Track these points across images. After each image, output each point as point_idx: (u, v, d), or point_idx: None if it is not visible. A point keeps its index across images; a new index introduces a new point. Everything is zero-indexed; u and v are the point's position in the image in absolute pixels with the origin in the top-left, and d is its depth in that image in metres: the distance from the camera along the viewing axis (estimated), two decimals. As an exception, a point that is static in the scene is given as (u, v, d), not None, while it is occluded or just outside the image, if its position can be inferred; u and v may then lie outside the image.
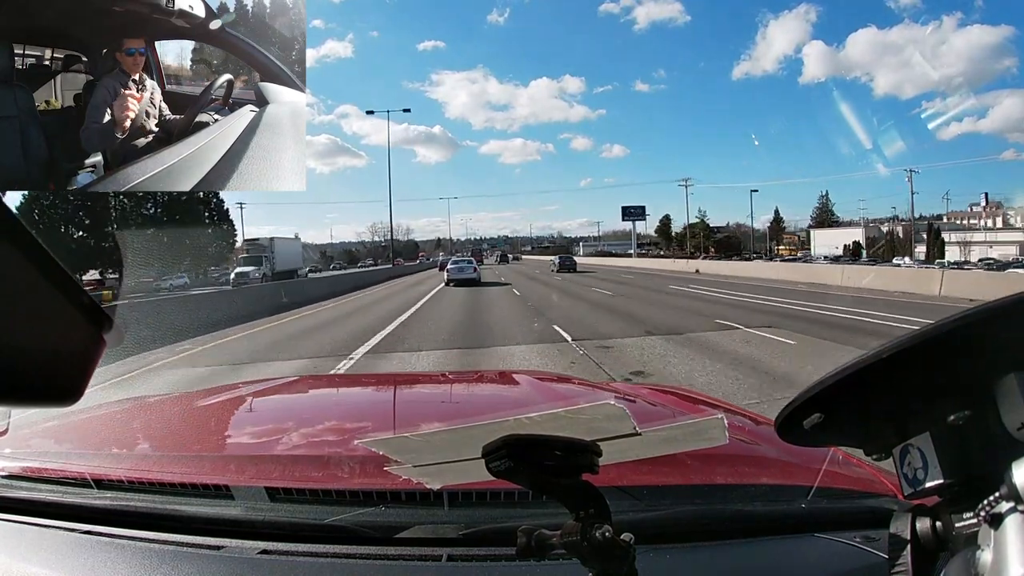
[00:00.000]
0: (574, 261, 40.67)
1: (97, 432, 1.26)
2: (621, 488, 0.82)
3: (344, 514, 0.80)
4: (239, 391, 1.67)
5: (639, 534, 0.54)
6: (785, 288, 18.34)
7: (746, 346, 7.99)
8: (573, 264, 38.87)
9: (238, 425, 1.34)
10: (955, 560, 0.45)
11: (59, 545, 0.81)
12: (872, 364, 0.43)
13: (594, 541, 0.50)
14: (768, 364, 6.77)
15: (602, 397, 0.62)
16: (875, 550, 0.73)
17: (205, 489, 0.89)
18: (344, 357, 7.99)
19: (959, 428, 0.44)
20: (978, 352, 0.42)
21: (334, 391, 1.83)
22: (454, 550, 0.76)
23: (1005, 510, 0.41)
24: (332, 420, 1.39)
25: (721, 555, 0.76)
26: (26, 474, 0.97)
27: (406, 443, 0.54)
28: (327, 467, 0.99)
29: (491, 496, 0.83)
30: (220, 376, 7.19)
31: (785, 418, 0.50)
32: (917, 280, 17.19)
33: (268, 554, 0.77)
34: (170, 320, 11.62)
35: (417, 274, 42.61)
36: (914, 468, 0.48)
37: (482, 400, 1.66)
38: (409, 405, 1.57)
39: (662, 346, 8.19)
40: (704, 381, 5.95)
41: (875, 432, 0.51)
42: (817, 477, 0.87)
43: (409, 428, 0.54)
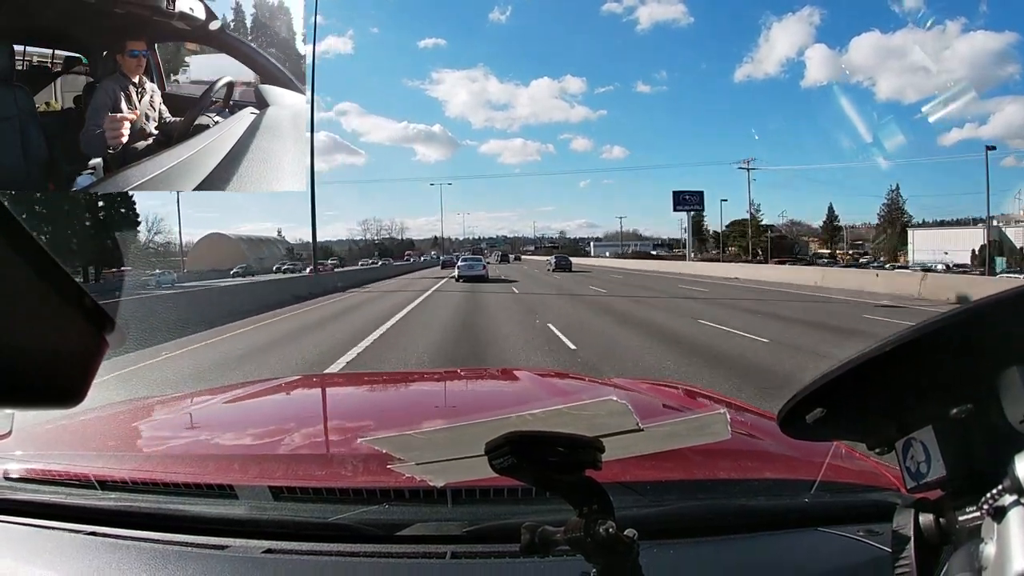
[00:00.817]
0: (569, 261, 43.97)
1: (100, 433, 1.27)
2: (624, 484, 0.82)
3: (348, 512, 0.81)
4: (241, 390, 1.68)
5: (642, 530, 0.54)
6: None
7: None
8: (569, 264, 41.97)
9: (241, 425, 1.34)
10: (958, 554, 0.45)
11: (64, 546, 0.81)
12: (875, 358, 0.43)
13: (598, 537, 0.50)
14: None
15: (604, 393, 0.62)
16: (878, 544, 0.73)
17: (209, 489, 0.89)
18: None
19: (962, 422, 0.44)
20: (981, 345, 0.42)
21: (336, 390, 1.83)
22: (458, 547, 0.77)
23: (1008, 503, 0.41)
24: (335, 419, 1.39)
25: (724, 550, 0.77)
26: (30, 476, 0.97)
27: (409, 441, 0.55)
28: (330, 466, 1.00)
29: (494, 493, 0.84)
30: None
31: (787, 412, 0.50)
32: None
33: (272, 553, 0.77)
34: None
35: (388, 282, 27.65)
36: (917, 462, 0.48)
37: (484, 397, 1.66)
38: (411, 403, 1.58)
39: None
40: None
41: (877, 426, 0.51)
42: (820, 471, 0.87)
43: (411, 426, 0.54)
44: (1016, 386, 0.41)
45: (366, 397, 1.67)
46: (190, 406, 1.55)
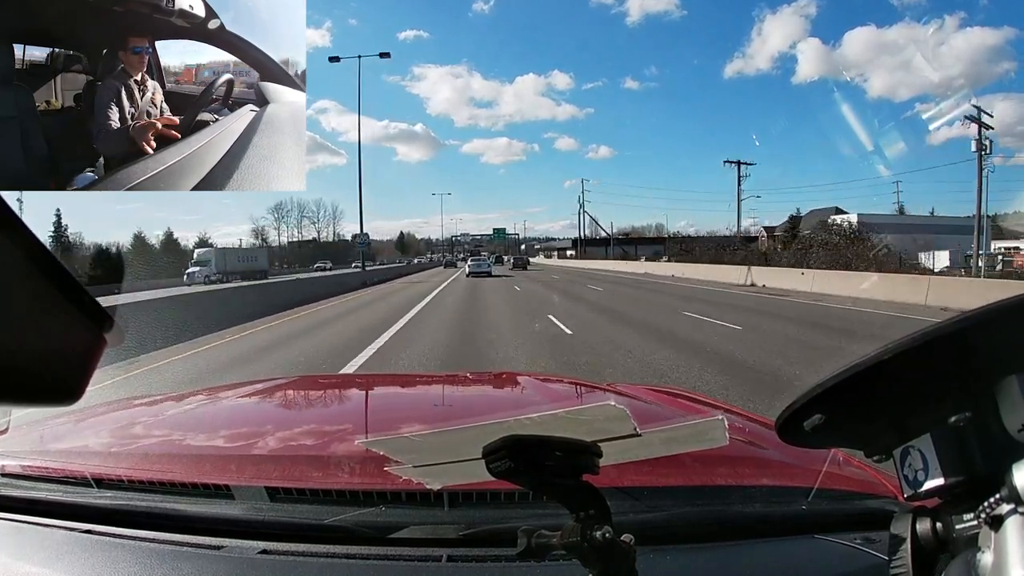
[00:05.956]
0: (526, 260, 51.37)
1: (97, 431, 1.26)
2: (622, 489, 0.82)
3: (344, 514, 0.80)
4: (240, 390, 1.67)
5: (639, 535, 0.54)
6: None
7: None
8: (525, 263, 49.51)
9: (238, 425, 1.34)
10: (955, 562, 0.45)
11: (59, 544, 0.81)
12: (873, 366, 0.43)
13: (594, 542, 0.50)
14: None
15: (602, 398, 0.62)
16: (875, 551, 0.73)
17: (205, 489, 0.89)
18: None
19: (959, 430, 0.44)
20: (979, 354, 0.42)
21: (334, 391, 1.83)
22: (454, 551, 0.76)
23: (1005, 512, 0.41)
24: (332, 420, 1.39)
25: (721, 556, 0.76)
26: (26, 473, 0.97)
27: (406, 443, 0.54)
28: (327, 467, 0.99)
29: (491, 497, 0.83)
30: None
31: (786, 419, 0.50)
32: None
33: (268, 554, 0.77)
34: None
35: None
36: (914, 470, 0.48)
37: (482, 400, 1.66)
38: (409, 405, 1.57)
39: None
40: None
41: (875, 433, 0.50)
42: (817, 478, 0.87)
43: (409, 428, 0.54)
44: (1014, 395, 0.41)
45: (364, 399, 1.67)
46: (188, 405, 1.54)
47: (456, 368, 6.58)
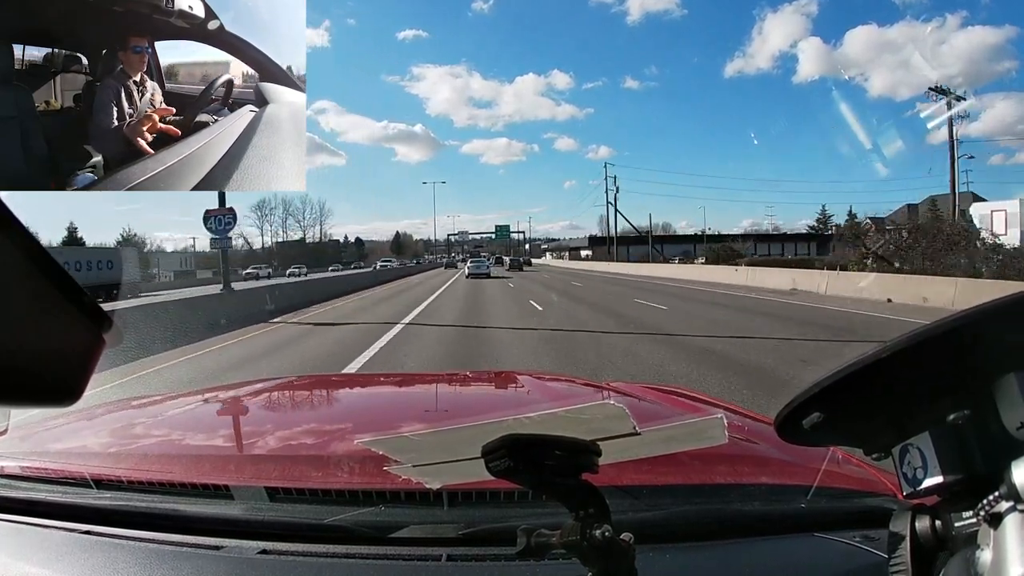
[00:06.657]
0: (521, 262, 52.21)
1: (96, 432, 1.26)
2: (621, 488, 0.82)
3: (343, 514, 0.80)
4: (239, 390, 1.67)
5: (639, 534, 0.54)
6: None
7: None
8: (521, 264, 50.56)
9: (237, 425, 1.34)
10: (954, 560, 0.45)
11: (58, 545, 0.80)
12: (871, 364, 0.43)
13: (594, 541, 0.50)
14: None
15: (602, 397, 0.62)
16: (875, 549, 0.73)
17: (205, 489, 0.89)
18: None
19: (958, 428, 0.44)
20: (977, 352, 0.42)
21: (333, 391, 1.83)
22: (453, 550, 0.76)
23: (1005, 509, 0.41)
24: (331, 420, 1.39)
25: (721, 554, 0.76)
26: (25, 474, 0.97)
27: (405, 443, 0.54)
28: (326, 467, 0.99)
29: (491, 496, 0.83)
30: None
31: (785, 417, 0.50)
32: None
33: (267, 554, 0.77)
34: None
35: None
36: (913, 467, 0.48)
37: (481, 400, 1.66)
38: (408, 405, 1.57)
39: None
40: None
41: (874, 431, 0.51)
42: (816, 476, 0.87)
43: (408, 428, 0.54)
44: (1013, 393, 0.41)
45: (363, 398, 1.67)
46: (187, 405, 1.54)
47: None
